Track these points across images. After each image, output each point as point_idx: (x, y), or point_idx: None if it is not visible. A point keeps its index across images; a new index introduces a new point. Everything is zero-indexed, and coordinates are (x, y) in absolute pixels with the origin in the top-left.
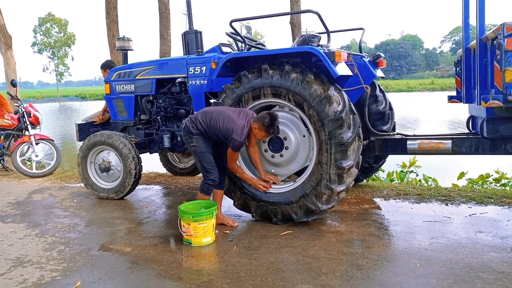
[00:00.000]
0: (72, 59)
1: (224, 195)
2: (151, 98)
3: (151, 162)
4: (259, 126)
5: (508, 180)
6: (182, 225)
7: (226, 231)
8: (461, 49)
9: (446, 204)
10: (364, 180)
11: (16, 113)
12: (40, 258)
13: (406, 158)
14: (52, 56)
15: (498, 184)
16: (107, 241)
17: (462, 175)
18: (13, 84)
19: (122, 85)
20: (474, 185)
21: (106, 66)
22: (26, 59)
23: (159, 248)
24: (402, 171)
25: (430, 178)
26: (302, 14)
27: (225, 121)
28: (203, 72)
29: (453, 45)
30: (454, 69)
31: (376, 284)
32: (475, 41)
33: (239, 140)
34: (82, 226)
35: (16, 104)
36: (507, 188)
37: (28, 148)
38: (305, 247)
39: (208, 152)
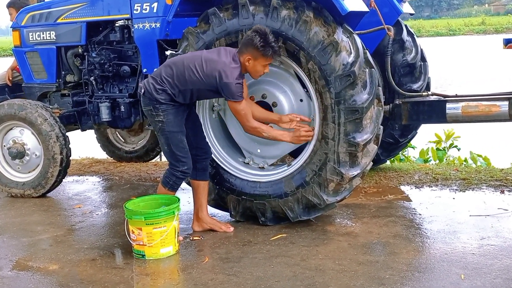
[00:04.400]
0: None
1: (190, 188)
2: (80, 50)
3: (85, 144)
4: (252, 53)
5: None
6: (131, 231)
7: (195, 238)
8: None
9: (502, 192)
10: (388, 161)
11: None
12: None
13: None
14: None
15: None
16: (25, 256)
17: None
18: None
19: (38, 33)
20: None
21: (15, 5)
22: None
23: (99, 263)
24: (438, 149)
25: (480, 156)
26: None
27: (204, 65)
28: (154, 10)
29: None
30: None
31: None
32: None
33: (235, 81)
34: None
35: None
36: None
37: None
38: (305, 256)
39: (180, 132)
